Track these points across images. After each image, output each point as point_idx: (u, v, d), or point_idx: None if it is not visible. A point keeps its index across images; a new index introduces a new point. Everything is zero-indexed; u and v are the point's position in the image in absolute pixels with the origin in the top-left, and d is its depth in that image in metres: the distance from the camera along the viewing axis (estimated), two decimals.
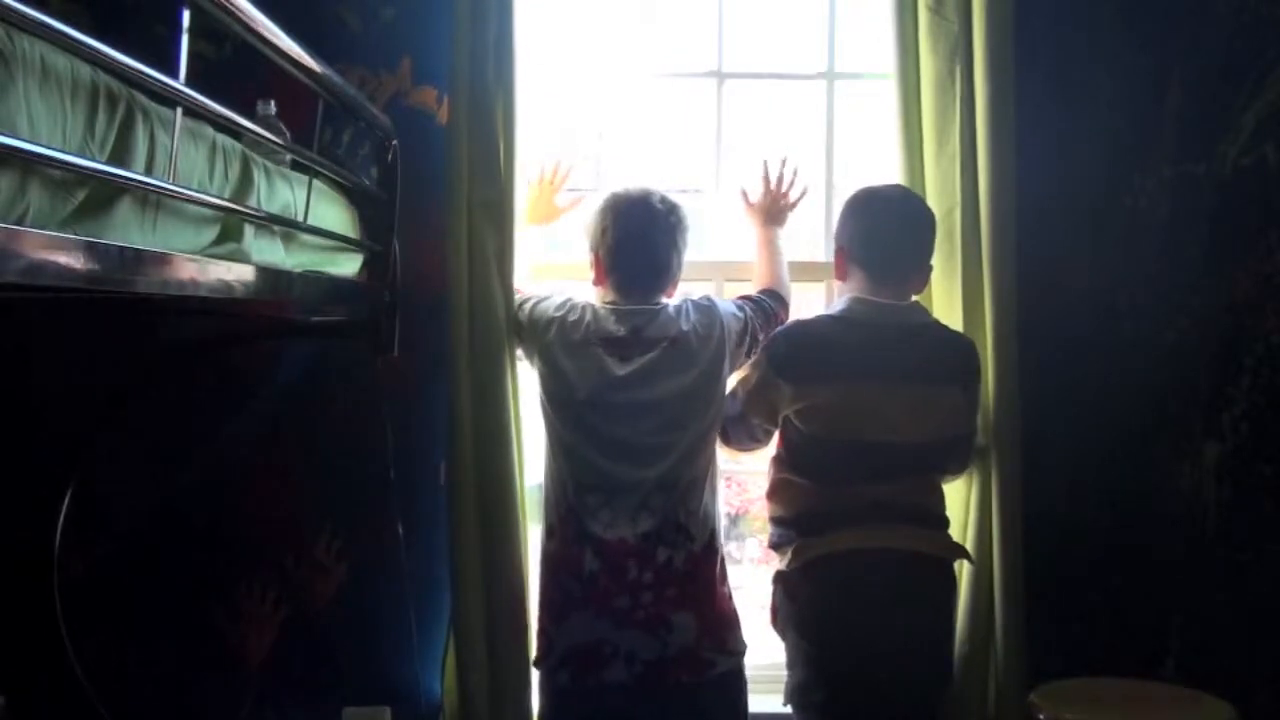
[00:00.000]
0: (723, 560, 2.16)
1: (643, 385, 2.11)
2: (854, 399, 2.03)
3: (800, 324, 2.16)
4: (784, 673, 2.14)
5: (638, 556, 2.08)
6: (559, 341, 2.15)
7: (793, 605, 2.08)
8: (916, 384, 2.06)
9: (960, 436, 2.16)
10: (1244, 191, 2.44)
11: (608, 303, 2.19)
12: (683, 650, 2.06)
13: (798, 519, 2.09)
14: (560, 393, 2.14)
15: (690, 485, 2.11)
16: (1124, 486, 2.46)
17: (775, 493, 2.15)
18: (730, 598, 2.15)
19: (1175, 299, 2.46)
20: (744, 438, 2.19)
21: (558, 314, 2.18)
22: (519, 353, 2.27)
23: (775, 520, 2.15)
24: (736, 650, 2.13)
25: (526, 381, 2.31)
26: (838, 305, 2.14)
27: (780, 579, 2.12)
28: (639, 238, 2.16)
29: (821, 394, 2.04)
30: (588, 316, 2.16)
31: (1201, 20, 2.44)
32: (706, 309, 2.19)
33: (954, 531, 2.23)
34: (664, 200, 2.19)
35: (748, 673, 2.20)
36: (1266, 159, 2.44)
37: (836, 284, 2.23)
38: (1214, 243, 2.45)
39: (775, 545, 2.14)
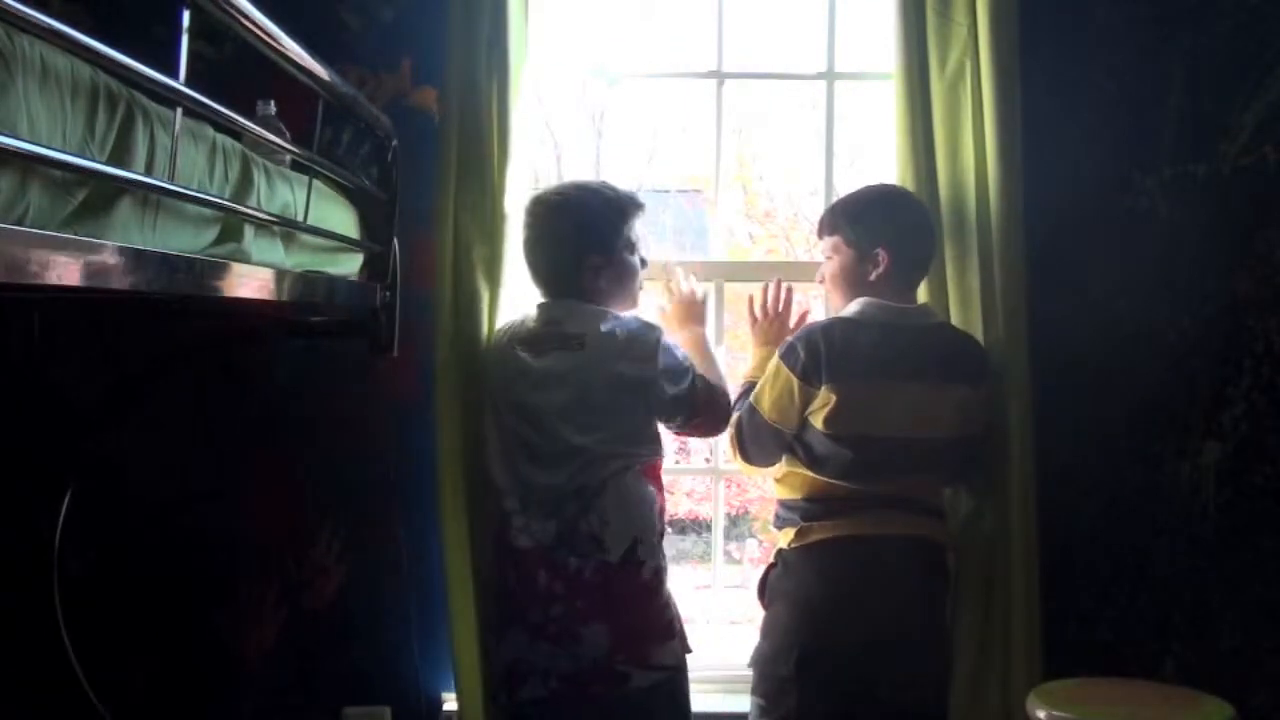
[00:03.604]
0: (655, 573, 2.07)
1: (553, 384, 2.07)
2: (871, 397, 2.07)
3: (816, 328, 2.15)
4: None
5: (548, 565, 2.05)
6: (491, 349, 2.21)
7: (788, 579, 2.14)
8: (930, 382, 2.11)
9: (972, 436, 2.19)
10: (1244, 191, 2.44)
11: (539, 302, 2.17)
12: (594, 663, 2.01)
13: (804, 503, 2.15)
14: (490, 395, 2.17)
15: (602, 492, 2.04)
16: (1124, 486, 2.46)
17: (784, 480, 2.20)
18: (661, 610, 2.07)
19: (1175, 299, 2.45)
20: (767, 451, 2.17)
21: (501, 326, 2.24)
22: None
23: (782, 503, 2.21)
24: (661, 664, 2.05)
25: None
26: (852, 309, 2.15)
27: (780, 555, 2.18)
28: (532, 239, 2.15)
29: (840, 394, 2.05)
30: (518, 318, 2.18)
31: (1202, 21, 2.44)
32: (644, 337, 2.07)
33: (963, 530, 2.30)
34: (550, 197, 2.14)
35: (747, 673, 2.19)
36: (1266, 159, 2.44)
37: (845, 283, 2.20)
38: (1214, 243, 2.45)
39: (779, 526, 2.20)
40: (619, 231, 2.12)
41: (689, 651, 2.15)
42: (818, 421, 2.07)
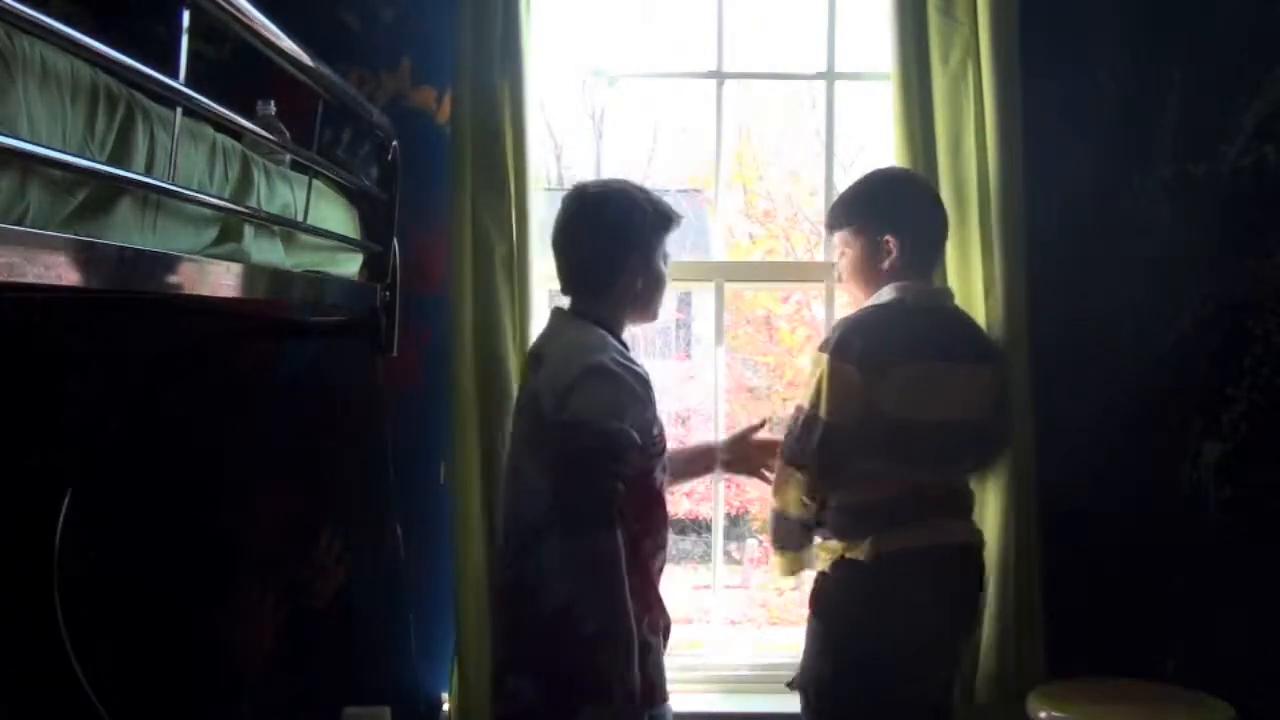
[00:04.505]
0: (597, 631, 1.82)
1: (520, 408, 1.99)
2: (933, 380, 2.03)
3: (861, 318, 2.08)
4: (786, 674, 2.14)
5: (500, 605, 1.99)
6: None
7: (853, 592, 2.02)
8: (968, 362, 2.10)
9: (990, 420, 2.17)
10: (1244, 191, 2.44)
11: (553, 307, 2.10)
12: (519, 715, 1.90)
13: (869, 509, 2.03)
14: None
15: (536, 536, 1.85)
16: (1124, 486, 2.46)
17: (843, 484, 2.06)
18: (595, 671, 1.83)
19: (1175, 299, 2.46)
20: (840, 459, 2.02)
21: None
22: None
23: (842, 509, 2.06)
24: None
25: None
26: (885, 295, 2.09)
27: (847, 565, 2.03)
28: (572, 228, 2.00)
29: (896, 377, 2.00)
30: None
31: (1201, 21, 2.45)
32: (572, 359, 1.88)
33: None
34: (597, 188, 2.03)
35: (746, 673, 2.19)
36: (1266, 159, 2.44)
37: (862, 276, 2.14)
38: (1214, 244, 2.45)
39: (839, 535, 2.05)
40: (660, 239, 2.00)
41: (658, 701, 1.95)
42: (888, 409, 2.00)
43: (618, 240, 1.95)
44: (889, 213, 2.12)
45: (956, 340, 2.11)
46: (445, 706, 2.42)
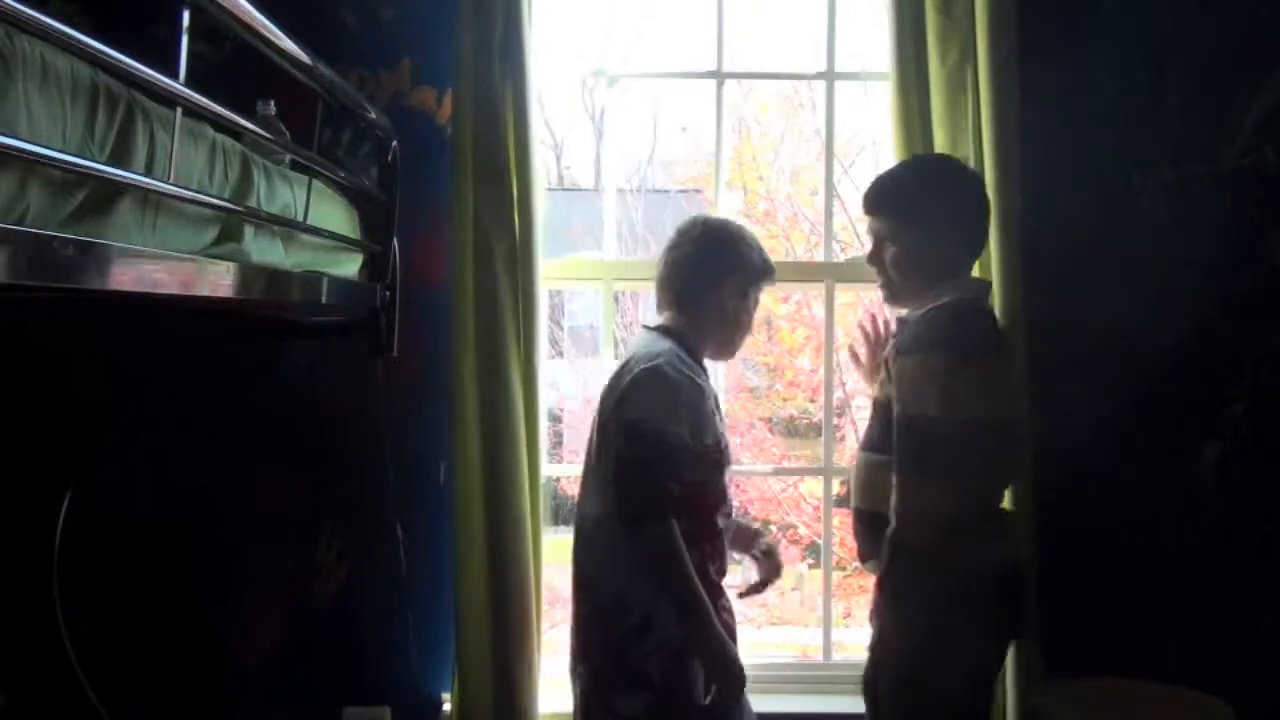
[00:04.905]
0: (640, 623, 1.95)
1: (598, 409, 2.10)
2: (1006, 378, 2.00)
3: (962, 308, 1.94)
4: (805, 671, 2.15)
5: (573, 595, 2.08)
6: None
7: (966, 602, 1.86)
8: (1009, 359, 2.08)
9: None
10: (1244, 191, 2.44)
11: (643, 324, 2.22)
12: (583, 697, 2.06)
13: (975, 514, 1.92)
14: None
15: (591, 532, 2.03)
16: (1124, 486, 2.45)
17: (958, 489, 1.88)
18: (639, 659, 1.95)
19: (1175, 299, 2.46)
20: (981, 463, 1.88)
21: None
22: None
23: (951, 516, 1.87)
24: (621, 714, 1.97)
25: (544, 383, 2.37)
26: (955, 292, 1.96)
27: (958, 575, 1.87)
28: (682, 246, 2.12)
29: (988, 375, 1.92)
30: None
31: (1201, 21, 2.45)
32: (635, 361, 2.01)
33: None
34: (715, 220, 2.19)
35: (747, 673, 2.18)
36: (1266, 159, 2.44)
37: (914, 269, 2.00)
38: (1214, 243, 2.45)
39: (936, 546, 1.88)
40: (758, 281, 2.12)
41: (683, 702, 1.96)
42: (985, 408, 1.88)
43: (721, 260, 2.08)
44: (953, 208, 2.01)
45: (1002, 337, 2.07)
46: (445, 706, 2.42)
